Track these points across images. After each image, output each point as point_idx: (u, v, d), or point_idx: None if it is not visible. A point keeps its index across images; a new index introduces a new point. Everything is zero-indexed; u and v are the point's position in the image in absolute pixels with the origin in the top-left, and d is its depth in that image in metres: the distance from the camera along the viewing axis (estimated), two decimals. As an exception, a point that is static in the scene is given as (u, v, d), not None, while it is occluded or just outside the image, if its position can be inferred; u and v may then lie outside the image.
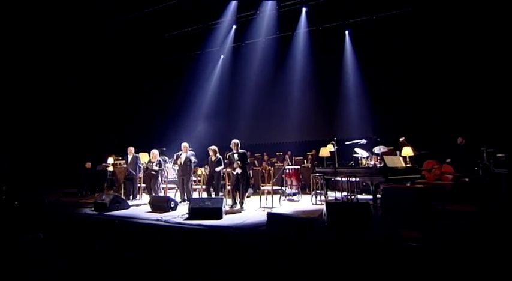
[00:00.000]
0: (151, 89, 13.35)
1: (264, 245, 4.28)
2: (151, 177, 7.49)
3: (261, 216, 5.61)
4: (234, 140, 6.91)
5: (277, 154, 12.26)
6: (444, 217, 5.25)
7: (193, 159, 7.21)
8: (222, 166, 6.86)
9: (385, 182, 6.35)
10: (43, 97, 10.30)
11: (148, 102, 13.28)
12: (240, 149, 6.95)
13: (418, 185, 6.29)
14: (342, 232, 4.16)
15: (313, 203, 7.14)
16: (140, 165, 7.80)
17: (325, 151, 8.27)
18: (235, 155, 6.71)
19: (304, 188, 9.12)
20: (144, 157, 8.31)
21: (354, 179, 6.71)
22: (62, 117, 10.64)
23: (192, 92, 13.47)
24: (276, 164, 10.32)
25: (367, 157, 8.60)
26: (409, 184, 6.75)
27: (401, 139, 8.47)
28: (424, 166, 7.69)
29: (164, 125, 13.46)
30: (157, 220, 5.39)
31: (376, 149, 8.61)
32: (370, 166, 7.61)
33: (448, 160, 7.83)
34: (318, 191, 7.34)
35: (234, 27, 12.12)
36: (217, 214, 5.48)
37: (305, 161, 10.70)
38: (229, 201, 6.78)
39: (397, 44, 10.03)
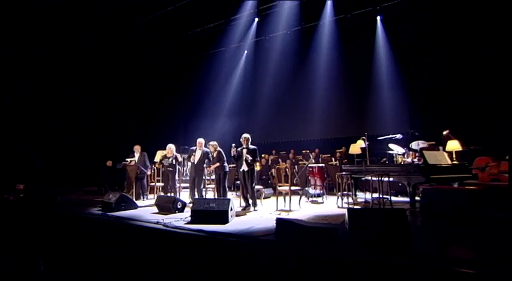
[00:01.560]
0: (175, 87, 12.95)
1: (268, 258, 3.37)
2: (168, 174, 6.89)
3: (273, 221, 4.71)
4: (245, 135, 6.04)
5: (304, 151, 11.22)
6: (508, 229, 3.94)
7: (209, 156, 6.43)
8: (218, 164, 6.03)
9: (426, 182, 5.13)
10: (69, 98, 10.24)
11: (172, 100, 12.89)
12: (251, 145, 6.06)
13: (469, 187, 4.97)
14: (368, 248, 3.12)
15: (338, 206, 6.06)
16: (148, 163, 7.24)
17: (356, 148, 7.16)
18: (245, 151, 5.84)
19: (332, 188, 8.03)
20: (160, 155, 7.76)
21: (386, 178, 5.53)
22: (87, 117, 10.52)
23: (216, 89, 12.86)
24: (300, 162, 9.29)
25: (404, 154, 7.27)
26: (456, 185, 5.44)
27: (445, 132, 7.04)
28: (476, 163, 6.23)
29: (188, 122, 12.99)
30: (157, 222, 4.69)
31: (414, 145, 7.24)
32: (407, 163, 6.34)
33: (507, 156, 6.29)
34: (345, 193, 6.24)
35: (256, 20, 11.27)
36: (222, 217, 4.64)
37: (333, 159, 9.55)
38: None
39: (436, 27, 8.54)
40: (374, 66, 10.11)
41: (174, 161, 6.80)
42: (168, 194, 6.82)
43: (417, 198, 5.56)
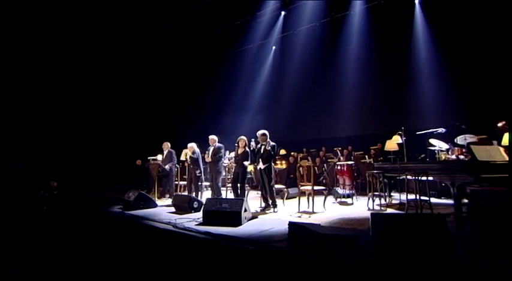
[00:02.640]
0: (204, 86, 12.83)
1: (275, 268, 2.87)
2: (191, 172, 6.67)
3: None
4: (261, 131, 5.53)
5: (335, 149, 10.42)
6: None
7: (222, 152, 6.05)
8: (249, 161, 5.56)
9: (475, 182, 4.24)
10: (103, 99, 10.54)
11: (201, 99, 12.78)
12: (272, 141, 5.53)
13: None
14: (393, 265, 2.48)
15: (369, 208, 5.33)
16: (174, 161, 7.03)
17: (392, 144, 6.30)
18: (262, 148, 5.34)
19: (365, 188, 7.23)
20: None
21: (425, 177, 4.70)
22: (120, 117, 10.76)
23: (244, 86, 12.50)
24: (329, 160, 8.56)
25: (448, 150, 6.25)
26: (515, 186, 4.44)
27: (500, 124, 5.92)
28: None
29: (217, 120, 12.77)
30: (168, 222, 4.40)
31: (460, 139, 6.18)
32: (451, 160, 5.39)
33: None
34: (377, 193, 5.47)
35: (283, 13, 10.70)
36: (235, 219, 4.22)
37: (366, 156, 8.67)
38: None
39: (484, 8, 7.31)
40: (412, 54, 9.03)
41: (196, 159, 6.53)
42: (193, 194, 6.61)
43: (464, 200, 4.69)
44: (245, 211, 4.38)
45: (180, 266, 3.23)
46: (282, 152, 11.18)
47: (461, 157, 5.35)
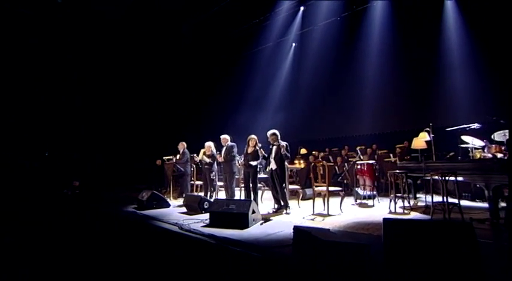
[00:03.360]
0: (222, 86, 12.73)
1: (275, 277, 2.59)
2: (206, 172, 6.54)
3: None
4: (272, 131, 5.22)
5: (359, 147, 9.85)
6: None
7: (235, 151, 5.82)
8: (259, 160, 5.27)
9: (514, 184, 3.65)
10: (125, 101, 10.78)
11: (221, 98, 12.68)
12: (282, 140, 5.20)
13: None
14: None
15: (391, 211, 4.85)
16: (189, 160, 6.93)
17: (419, 142, 5.76)
18: (274, 148, 5.05)
19: (388, 189, 6.68)
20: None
21: (453, 178, 4.16)
22: (142, 118, 10.95)
23: (264, 84, 12.22)
24: (350, 160, 8.06)
25: (483, 147, 5.57)
26: None
27: (545, 118, 5.15)
28: None
29: (237, 120, 12.60)
30: (175, 224, 4.25)
31: (498, 136, 5.45)
32: (485, 159, 4.77)
33: None
34: (399, 195, 4.98)
35: (302, 9, 10.30)
36: (242, 221, 3.97)
37: (391, 155, 8.07)
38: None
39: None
40: (441, 44, 8.27)
41: (211, 159, 6.38)
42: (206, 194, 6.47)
43: (502, 204, 4.11)
44: (253, 212, 4.13)
45: (176, 270, 3.04)
46: (303, 151, 10.79)
47: (500, 155, 4.71)
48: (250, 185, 5.24)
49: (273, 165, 5.08)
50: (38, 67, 9.92)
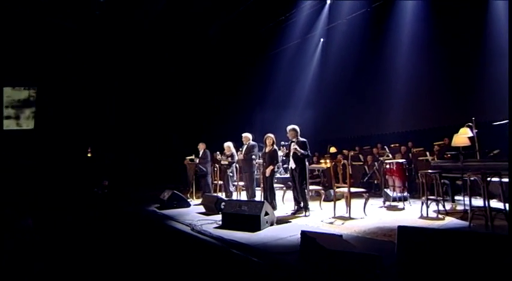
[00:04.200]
0: (250, 85, 12.61)
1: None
2: (224, 172, 6.49)
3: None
4: (291, 126, 4.92)
5: (393, 145, 9.14)
6: None
7: (255, 151, 5.64)
8: (279, 161, 5.02)
9: None
10: (155, 102, 11.15)
11: (246, 98, 12.57)
12: (301, 137, 4.89)
13: None
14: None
15: (422, 216, 4.33)
16: (209, 160, 6.89)
17: (461, 139, 5.10)
18: (292, 145, 4.75)
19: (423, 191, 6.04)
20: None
21: (497, 179, 3.57)
22: (172, 118, 11.26)
23: (292, 82, 11.88)
24: (380, 158, 7.46)
25: (537, 144, 4.78)
26: None
27: None
28: None
29: (265, 119, 12.41)
30: (189, 224, 4.18)
31: (556, 130, 4.66)
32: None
33: None
34: (432, 197, 4.42)
35: (328, 2, 9.80)
36: (253, 223, 3.77)
37: (427, 153, 7.32)
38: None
39: None
40: (487, 31, 7.32)
41: (230, 158, 6.28)
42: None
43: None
44: (266, 214, 3.91)
45: (177, 271, 2.94)
46: (332, 150, 10.28)
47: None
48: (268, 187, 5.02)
49: (292, 164, 4.81)
50: (78, 73, 10.66)
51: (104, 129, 10.62)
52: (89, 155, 11.12)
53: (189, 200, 6.43)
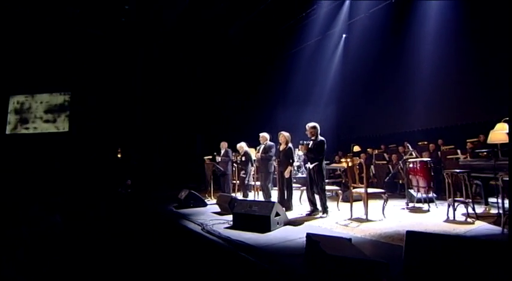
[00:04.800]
0: (272, 84, 12.48)
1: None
2: (241, 172, 6.45)
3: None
4: (312, 124, 4.72)
5: (421, 143, 8.57)
6: None
7: (273, 151, 5.51)
8: (295, 160, 4.85)
9: None
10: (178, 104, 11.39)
11: (271, 97, 12.44)
12: (321, 136, 4.68)
13: None
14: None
15: (448, 219, 3.97)
16: (230, 160, 6.86)
17: (498, 135, 4.60)
18: (310, 143, 4.56)
19: (455, 192, 5.56)
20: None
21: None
22: (194, 118, 11.46)
23: (313, 80, 11.56)
24: (405, 157, 6.99)
25: None
26: None
27: None
28: None
29: (288, 117, 12.21)
30: (200, 224, 4.17)
31: None
32: None
33: None
34: (460, 199, 4.04)
35: (349, -5, 9.41)
36: (264, 224, 3.68)
37: (458, 151, 6.76)
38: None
39: None
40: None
41: (243, 158, 6.23)
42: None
43: None
44: (277, 215, 3.79)
45: (183, 271, 2.91)
46: (356, 148, 9.83)
47: None
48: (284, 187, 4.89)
49: (308, 163, 4.63)
50: (107, 78, 11.19)
51: (131, 131, 11.03)
52: (119, 155, 11.64)
53: (207, 199, 6.49)
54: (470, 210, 4.03)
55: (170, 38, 11.05)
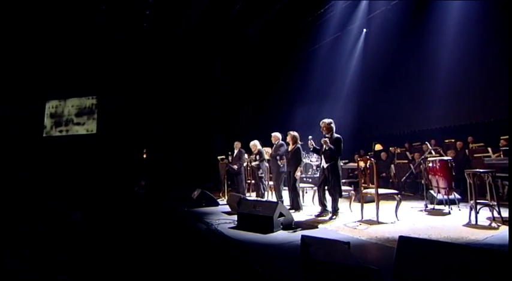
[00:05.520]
0: (290, 83, 12.29)
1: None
2: (255, 171, 6.38)
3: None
4: (328, 120, 4.51)
5: (447, 141, 8.00)
6: None
7: (282, 150, 5.38)
8: (301, 159, 4.69)
9: None
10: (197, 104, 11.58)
11: (290, 96, 12.25)
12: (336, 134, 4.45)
13: None
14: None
15: (470, 223, 3.63)
16: (244, 159, 6.81)
17: None
18: (322, 141, 4.35)
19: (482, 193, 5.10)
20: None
21: None
22: (210, 120, 11.59)
23: (333, 77, 11.20)
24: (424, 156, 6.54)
25: None
26: None
27: None
28: None
29: (307, 115, 11.95)
30: (207, 223, 4.17)
31: None
32: None
33: None
34: (481, 202, 3.69)
35: (368, -12, 9.00)
36: (266, 225, 3.59)
37: (489, 149, 6.20)
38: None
39: None
40: None
41: (257, 157, 6.15)
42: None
43: None
44: (281, 216, 3.69)
45: (184, 270, 2.89)
46: (378, 147, 9.45)
47: None
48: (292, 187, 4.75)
49: (323, 162, 4.44)
50: (130, 81, 11.66)
51: (153, 132, 11.38)
52: (144, 156, 12.07)
53: (221, 199, 6.51)
54: (495, 214, 3.66)
55: (190, 39, 11.25)
